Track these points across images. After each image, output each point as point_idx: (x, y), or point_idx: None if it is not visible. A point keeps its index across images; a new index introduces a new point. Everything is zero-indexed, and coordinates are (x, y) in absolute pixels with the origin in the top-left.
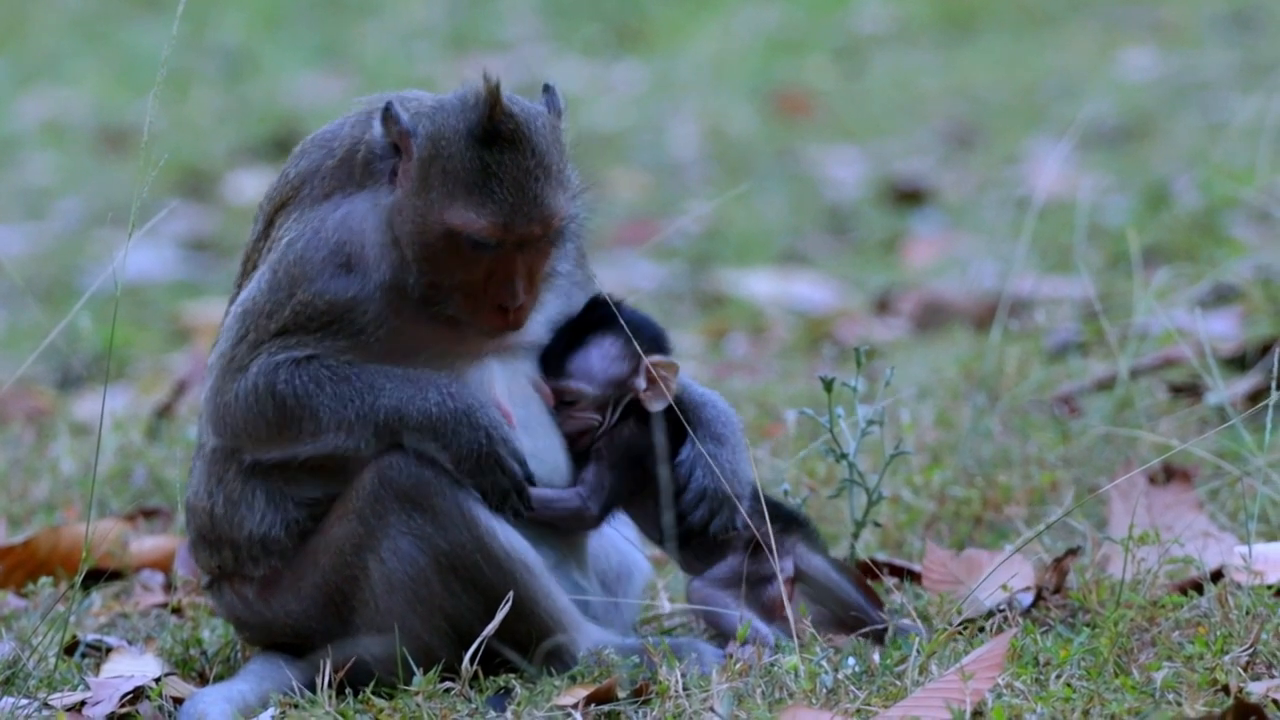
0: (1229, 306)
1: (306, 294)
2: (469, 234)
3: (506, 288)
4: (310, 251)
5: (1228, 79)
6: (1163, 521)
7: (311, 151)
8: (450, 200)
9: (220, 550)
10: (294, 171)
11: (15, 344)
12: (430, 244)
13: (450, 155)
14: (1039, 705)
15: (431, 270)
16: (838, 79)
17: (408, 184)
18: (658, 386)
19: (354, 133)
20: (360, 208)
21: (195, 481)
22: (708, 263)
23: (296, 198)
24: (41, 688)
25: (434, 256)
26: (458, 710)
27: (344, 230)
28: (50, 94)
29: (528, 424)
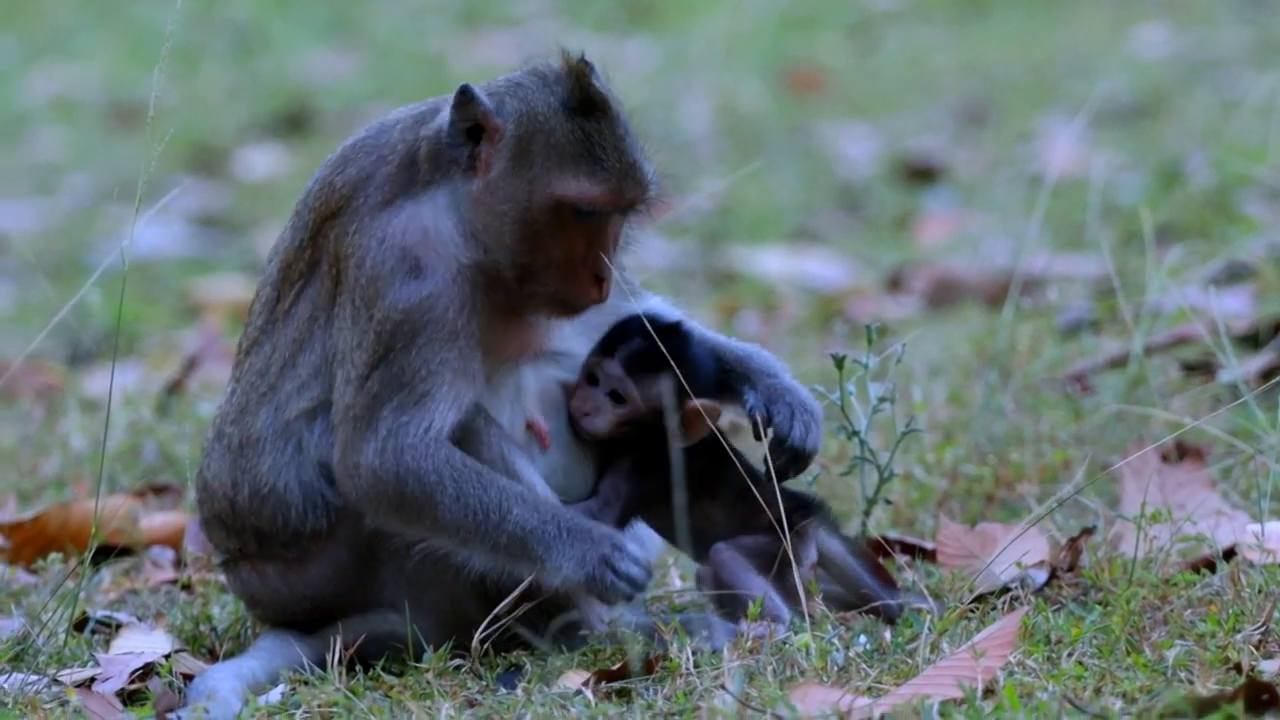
0: (1242, 284)
1: (381, 309)
2: (582, 203)
3: (602, 259)
4: (379, 266)
5: (1241, 57)
6: (1175, 499)
7: (357, 158)
8: (558, 172)
9: (241, 534)
10: (340, 180)
11: (25, 320)
12: (533, 220)
13: (550, 129)
14: (1051, 683)
15: (530, 248)
16: (850, 56)
17: (499, 165)
18: (692, 428)
19: (407, 136)
20: (426, 208)
21: (214, 467)
22: (720, 240)
23: (350, 207)
24: (51, 664)
25: (536, 233)
26: (468, 687)
27: (410, 234)
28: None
29: (558, 436)
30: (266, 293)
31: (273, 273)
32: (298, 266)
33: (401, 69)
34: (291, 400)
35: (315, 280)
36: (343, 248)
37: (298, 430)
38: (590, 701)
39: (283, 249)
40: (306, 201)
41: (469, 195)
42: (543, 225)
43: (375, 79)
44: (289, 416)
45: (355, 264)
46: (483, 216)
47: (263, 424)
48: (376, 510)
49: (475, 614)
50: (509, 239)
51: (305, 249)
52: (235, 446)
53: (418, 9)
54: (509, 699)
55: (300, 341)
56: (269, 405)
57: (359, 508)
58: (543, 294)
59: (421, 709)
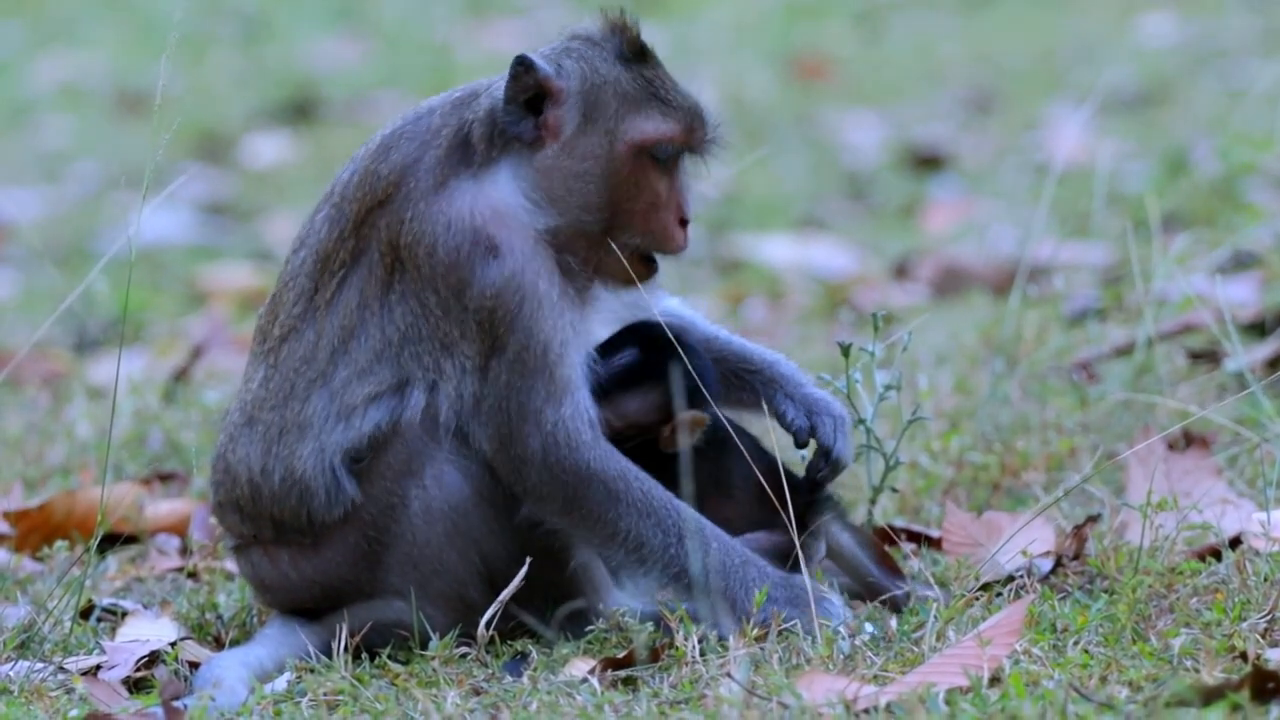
0: (1248, 272)
1: (472, 297)
2: (662, 143)
3: (685, 198)
4: (453, 252)
5: (1247, 45)
6: (1181, 488)
7: (399, 145)
8: (633, 117)
9: (257, 521)
10: (385, 168)
11: (32, 307)
12: (618, 169)
13: (614, 79)
14: (1056, 671)
15: (617, 199)
16: (857, 44)
17: (570, 125)
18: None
19: (450, 120)
20: (489, 186)
21: (243, 451)
22: (726, 228)
23: (399, 194)
24: (57, 652)
25: (620, 182)
26: (474, 675)
27: (478, 214)
28: (67, 57)
29: None
30: (301, 283)
31: (307, 263)
32: (339, 257)
33: (408, 58)
34: (351, 385)
35: (361, 268)
36: (400, 236)
37: (353, 413)
38: (596, 689)
39: (317, 241)
40: (346, 193)
41: (538, 165)
42: (626, 173)
43: (382, 67)
44: (350, 401)
45: (426, 252)
46: (561, 180)
47: (314, 409)
48: (549, 504)
49: (481, 602)
50: (595, 195)
51: (348, 239)
52: (274, 433)
53: None
54: (515, 687)
55: (350, 329)
56: (322, 391)
57: (529, 499)
58: (629, 247)
59: (427, 697)
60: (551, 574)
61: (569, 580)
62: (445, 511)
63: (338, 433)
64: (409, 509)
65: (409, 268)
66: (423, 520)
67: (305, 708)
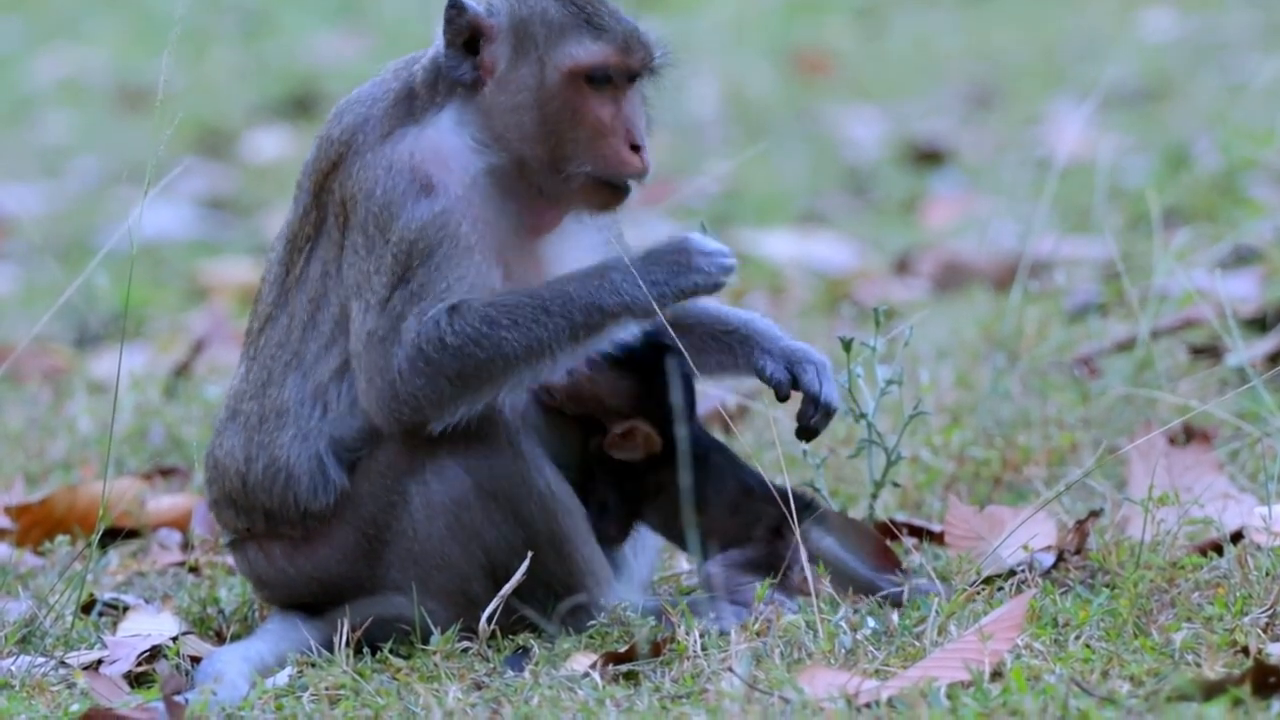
0: (1249, 267)
1: (396, 231)
2: (594, 67)
3: (635, 124)
4: (390, 191)
5: (1248, 40)
6: (1182, 483)
7: (351, 109)
8: (563, 44)
9: (250, 514)
10: (337, 130)
11: (32, 302)
12: (551, 98)
13: (544, 9)
14: (1058, 666)
15: (556, 128)
16: (857, 39)
17: (503, 60)
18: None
19: (401, 75)
20: (430, 129)
21: (228, 444)
22: (727, 223)
23: (349, 153)
24: (58, 646)
25: (557, 111)
26: (475, 669)
27: (418, 154)
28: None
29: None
30: (275, 271)
31: (279, 250)
32: (304, 232)
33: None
34: (320, 361)
35: (323, 237)
36: (348, 190)
37: (326, 392)
38: (598, 684)
39: (287, 226)
40: (306, 168)
41: (480, 106)
42: (562, 101)
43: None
44: (320, 378)
45: (365, 196)
46: (501, 117)
47: (289, 393)
48: (441, 400)
49: (483, 596)
50: (532, 126)
51: (309, 212)
52: (255, 422)
53: None
54: (516, 681)
55: (316, 300)
56: (296, 372)
57: (420, 417)
58: (582, 176)
59: (429, 691)
60: (553, 568)
61: (570, 575)
62: (447, 506)
63: (316, 418)
64: (410, 505)
65: (353, 217)
66: (424, 516)
67: (306, 702)
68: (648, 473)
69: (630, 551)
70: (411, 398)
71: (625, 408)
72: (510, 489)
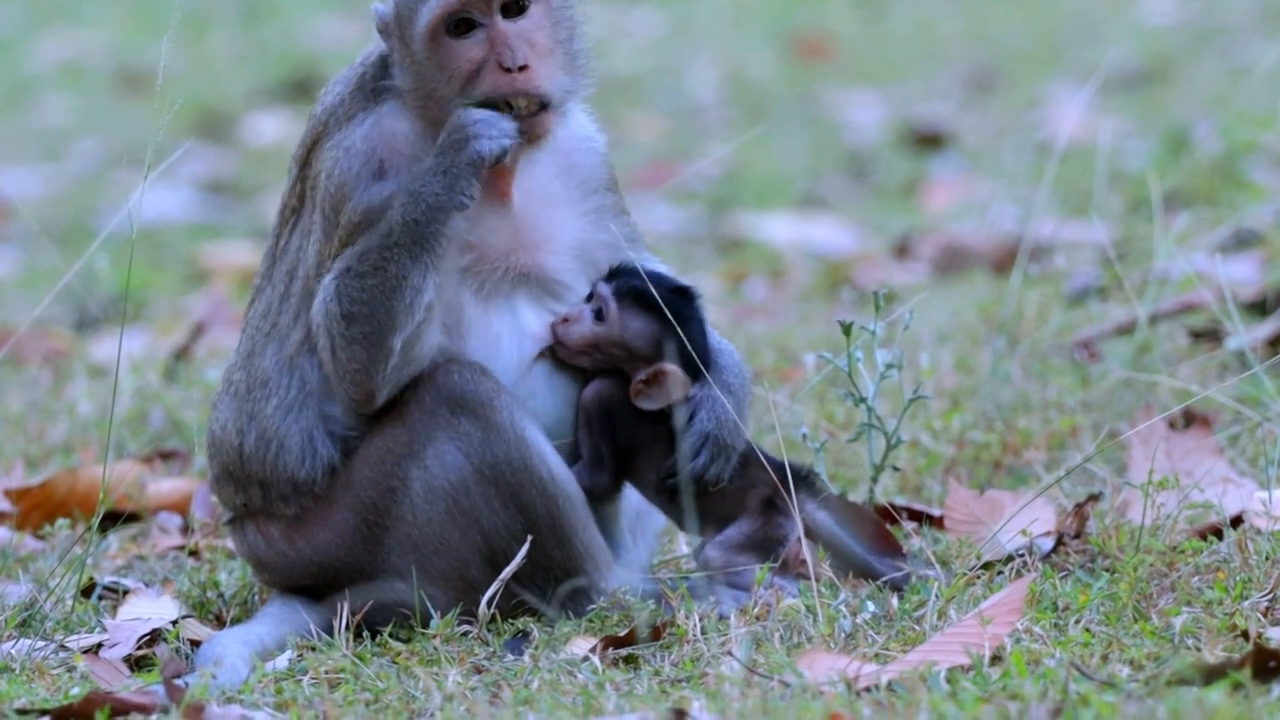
0: (1249, 251)
1: (347, 213)
2: (442, 17)
3: (504, 50)
4: (345, 171)
5: (1248, 24)
6: (1182, 467)
7: (332, 88)
8: (415, 11)
9: (248, 488)
10: (320, 110)
11: (32, 285)
12: (426, 64)
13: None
14: (1058, 650)
15: (439, 86)
16: (857, 23)
17: (395, 51)
18: (656, 388)
19: (360, 65)
20: (385, 113)
21: (223, 417)
22: (727, 206)
23: (325, 131)
24: (58, 630)
25: (436, 67)
26: (475, 653)
27: (371, 138)
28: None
29: (550, 375)
30: (269, 242)
31: (274, 223)
32: (290, 204)
33: None
34: (291, 331)
35: (304, 210)
36: (315, 168)
37: (299, 364)
38: (597, 668)
39: (280, 198)
40: (299, 143)
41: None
42: (435, 63)
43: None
44: (290, 350)
45: (325, 176)
46: (410, 98)
47: (269, 362)
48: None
49: (482, 580)
50: (424, 96)
51: (295, 184)
52: (243, 391)
53: None
54: (516, 665)
55: (292, 271)
56: (274, 343)
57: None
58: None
59: (428, 675)
60: (553, 553)
61: (570, 560)
62: (446, 490)
63: (295, 389)
64: (410, 489)
65: (316, 196)
66: (424, 500)
67: (306, 686)
68: (643, 424)
69: (630, 535)
70: (346, 372)
71: (648, 352)
72: (510, 474)
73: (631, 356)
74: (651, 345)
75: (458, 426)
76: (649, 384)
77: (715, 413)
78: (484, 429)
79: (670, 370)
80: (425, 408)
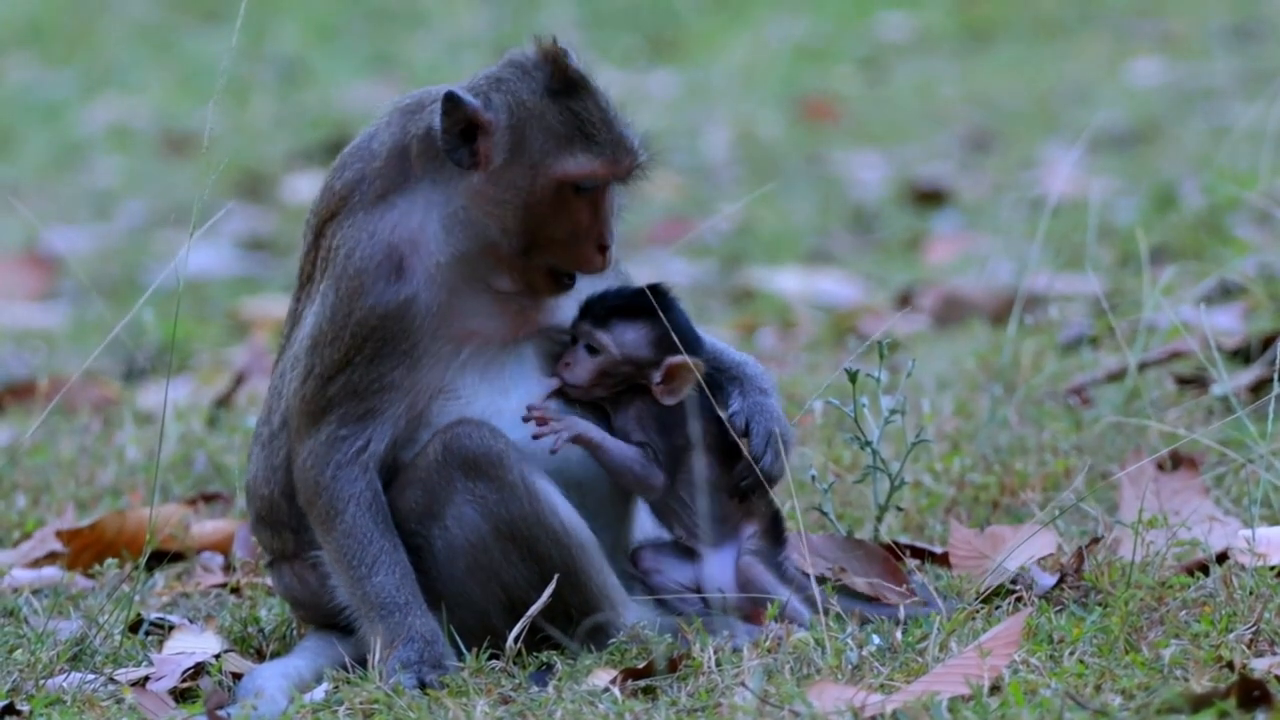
0: (1233, 302)
1: (362, 309)
2: (583, 179)
3: (606, 227)
4: (364, 261)
5: (1231, 87)
6: (1171, 506)
7: (352, 163)
8: (556, 153)
9: (280, 533)
10: (339, 183)
11: (83, 338)
12: (538, 202)
13: (539, 114)
14: (1053, 680)
15: (536, 227)
16: (862, 86)
17: (498, 157)
18: (674, 382)
19: (394, 133)
20: (419, 203)
21: (254, 467)
22: (739, 260)
23: (345, 207)
24: (108, 664)
25: (541, 214)
26: (502, 685)
27: (397, 233)
28: (116, 101)
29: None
30: (290, 304)
31: (295, 289)
32: (306, 270)
33: None
34: None
35: (314, 278)
36: (336, 241)
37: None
38: (617, 698)
39: (298, 262)
40: (313, 207)
41: (467, 188)
42: (547, 206)
43: None
44: None
45: (345, 255)
46: (483, 205)
47: (279, 418)
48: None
49: (503, 629)
50: (514, 223)
51: (310, 252)
52: (265, 441)
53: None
54: (541, 696)
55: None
56: (284, 400)
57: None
58: (544, 267)
59: (458, 705)
60: (570, 599)
61: (587, 603)
62: (465, 549)
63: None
64: (433, 548)
65: (330, 268)
66: (446, 558)
67: (342, 716)
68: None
69: None
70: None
71: (652, 355)
72: (525, 529)
73: (639, 367)
74: (652, 348)
75: (473, 489)
76: (666, 381)
77: (767, 413)
78: (497, 489)
79: (679, 361)
80: (441, 472)
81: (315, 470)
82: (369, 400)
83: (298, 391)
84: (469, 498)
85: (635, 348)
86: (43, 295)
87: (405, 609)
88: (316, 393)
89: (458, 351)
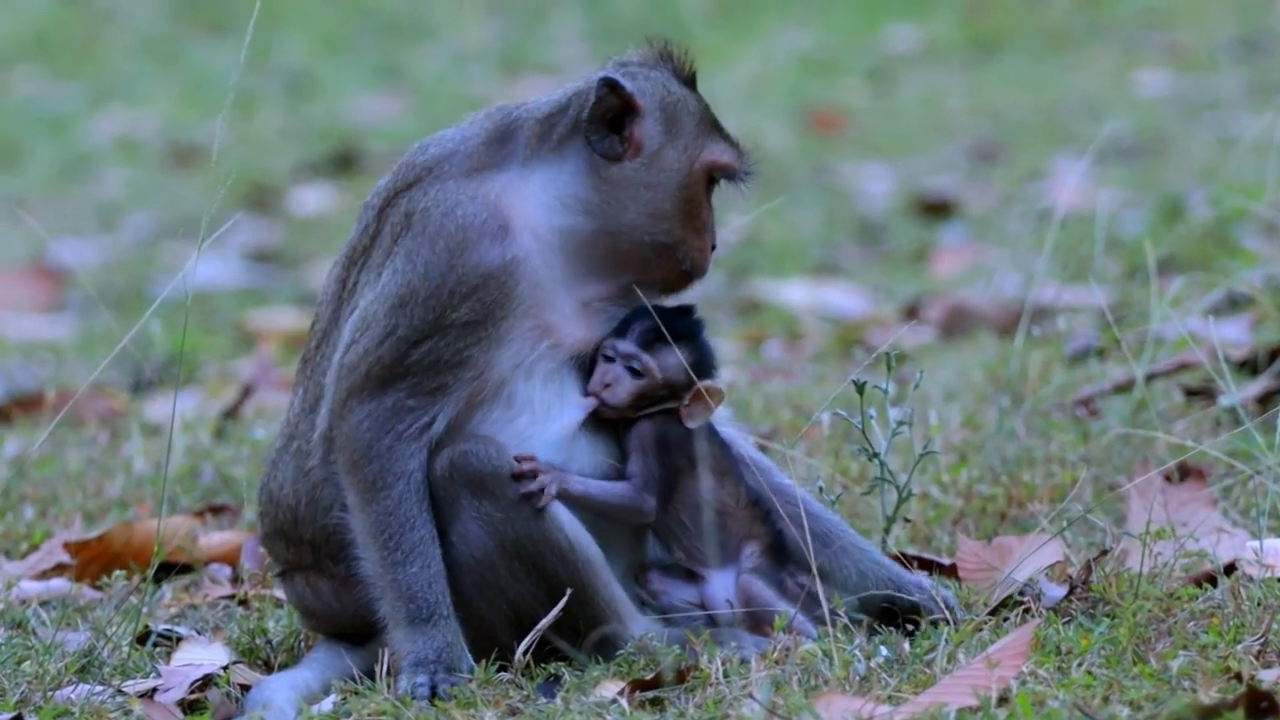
0: (1240, 314)
1: (463, 267)
2: (729, 169)
3: (714, 228)
4: (467, 218)
5: (1238, 99)
6: (1178, 518)
7: (435, 144)
8: (707, 140)
9: (298, 546)
10: (421, 158)
11: (90, 350)
12: (688, 187)
13: (685, 99)
14: (1061, 692)
15: (684, 215)
16: (869, 98)
17: (653, 141)
18: (701, 405)
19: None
20: (528, 179)
21: (281, 475)
22: (746, 272)
23: (430, 176)
24: (116, 675)
25: (688, 201)
26: (510, 696)
27: (504, 197)
28: (123, 113)
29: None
30: (332, 289)
31: (337, 271)
32: (360, 245)
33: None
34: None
35: (376, 249)
36: (420, 204)
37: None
38: (625, 710)
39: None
40: (377, 189)
41: (611, 176)
42: (694, 192)
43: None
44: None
45: (442, 213)
46: (631, 190)
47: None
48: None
49: (510, 644)
50: (664, 206)
51: (369, 226)
52: (305, 446)
53: (461, 56)
54: (549, 707)
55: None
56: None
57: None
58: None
59: (466, 717)
60: (577, 613)
61: (594, 617)
62: (472, 565)
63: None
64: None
65: (415, 226)
66: (453, 574)
67: None
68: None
69: None
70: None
71: (687, 380)
72: (530, 546)
73: (674, 390)
74: (687, 374)
75: (479, 507)
76: (694, 403)
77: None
78: (503, 507)
79: (709, 386)
80: (448, 490)
81: (371, 434)
82: (445, 374)
83: (372, 352)
84: (475, 515)
85: (676, 372)
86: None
87: (432, 607)
88: (396, 356)
89: (534, 346)
